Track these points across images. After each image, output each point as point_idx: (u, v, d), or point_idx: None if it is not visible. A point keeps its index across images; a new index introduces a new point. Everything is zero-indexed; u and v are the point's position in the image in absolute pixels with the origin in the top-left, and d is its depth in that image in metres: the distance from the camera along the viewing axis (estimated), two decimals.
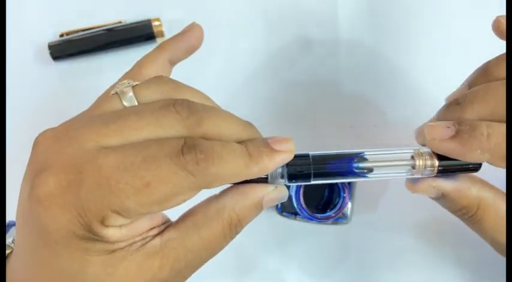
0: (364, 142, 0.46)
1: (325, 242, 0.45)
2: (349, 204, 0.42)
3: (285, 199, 0.26)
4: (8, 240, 0.30)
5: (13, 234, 0.35)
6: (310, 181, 0.26)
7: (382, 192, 0.45)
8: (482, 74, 0.29)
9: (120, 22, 0.47)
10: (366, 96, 0.46)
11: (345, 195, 0.42)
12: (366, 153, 0.27)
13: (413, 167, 0.27)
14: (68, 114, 0.27)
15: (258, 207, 0.25)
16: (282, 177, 0.26)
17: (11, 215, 0.36)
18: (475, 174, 0.28)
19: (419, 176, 0.28)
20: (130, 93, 0.25)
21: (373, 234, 0.44)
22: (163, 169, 0.21)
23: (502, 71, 0.28)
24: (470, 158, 0.26)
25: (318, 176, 0.26)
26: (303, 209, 0.41)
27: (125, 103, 0.25)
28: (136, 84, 0.25)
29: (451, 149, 0.26)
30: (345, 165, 0.26)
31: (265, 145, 0.24)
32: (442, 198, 0.28)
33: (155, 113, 0.23)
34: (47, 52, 0.46)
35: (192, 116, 0.23)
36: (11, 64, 0.47)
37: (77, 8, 0.48)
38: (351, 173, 0.26)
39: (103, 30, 0.47)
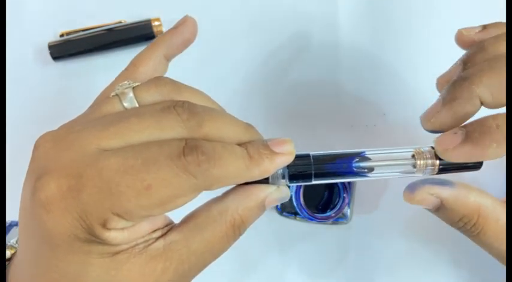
0: (364, 142, 0.46)
1: (325, 242, 0.45)
2: (349, 204, 0.43)
3: (287, 199, 0.26)
4: (12, 241, 0.30)
5: (16, 234, 0.35)
6: (311, 181, 0.26)
7: (382, 192, 0.45)
8: (479, 52, 0.28)
9: (120, 22, 0.47)
10: (366, 96, 0.46)
11: (345, 195, 0.42)
12: (366, 152, 0.27)
13: (414, 166, 0.27)
14: (67, 114, 0.26)
15: (261, 208, 0.25)
16: (283, 177, 0.26)
17: (10, 215, 0.36)
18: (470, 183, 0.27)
19: (420, 175, 0.28)
20: (131, 94, 0.24)
21: (373, 234, 0.44)
22: (164, 171, 0.21)
23: (501, 48, 0.27)
24: (488, 155, 0.25)
25: (319, 176, 0.26)
26: (303, 209, 0.41)
27: (125, 104, 0.24)
28: (137, 86, 0.25)
29: (466, 153, 0.25)
30: (346, 165, 0.26)
31: (266, 147, 0.24)
32: (440, 209, 0.27)
33: (156, 115, 0.23)
34: (47, 52, 0.46)
35: (193, 117, 0.23)
36: (11, 64, 0.47)
37: (77, 8, 0.48)
38: (352, 172, 0.26)
39: (103, 30, 0.47)
